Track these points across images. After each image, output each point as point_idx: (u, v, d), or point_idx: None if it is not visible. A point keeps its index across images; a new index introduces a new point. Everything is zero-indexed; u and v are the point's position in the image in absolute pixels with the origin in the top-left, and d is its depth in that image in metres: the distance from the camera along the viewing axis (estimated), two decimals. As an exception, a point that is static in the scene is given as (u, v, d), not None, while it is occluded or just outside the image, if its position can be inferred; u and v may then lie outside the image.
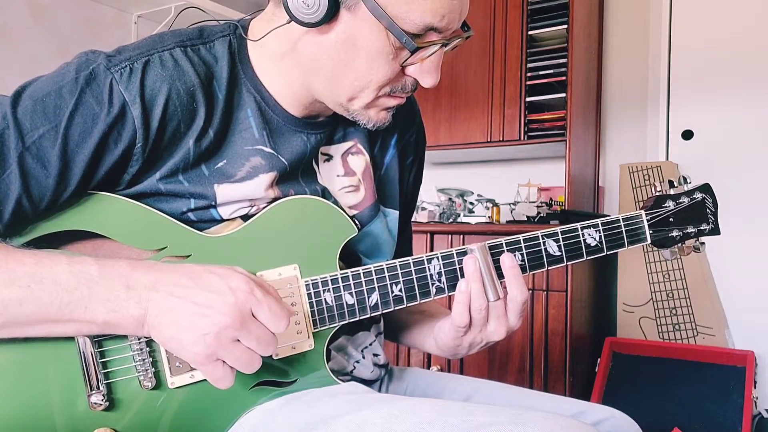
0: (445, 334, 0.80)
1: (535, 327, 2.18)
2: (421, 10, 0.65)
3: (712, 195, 0.83)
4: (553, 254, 0.78)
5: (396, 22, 0.65)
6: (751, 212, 2.40)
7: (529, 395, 0.87)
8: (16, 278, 0.59)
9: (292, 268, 0.73)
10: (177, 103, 0.68)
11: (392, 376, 0.94)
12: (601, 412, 0.81)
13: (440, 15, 0.66)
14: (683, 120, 2.57)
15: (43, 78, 0.67)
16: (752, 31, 2.43)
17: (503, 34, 2.51)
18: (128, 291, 0.61)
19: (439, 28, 0.67)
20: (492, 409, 0.64)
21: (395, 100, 0.75)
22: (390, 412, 0.64)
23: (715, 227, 0.83)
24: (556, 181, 2.67)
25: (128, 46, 0.70)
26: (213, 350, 0.59)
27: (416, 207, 1.22)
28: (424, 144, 0.99)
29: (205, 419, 0.70)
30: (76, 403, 0.66)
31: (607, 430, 0.79)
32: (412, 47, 0.67)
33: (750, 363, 2.02)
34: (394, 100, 0.74)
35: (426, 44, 0.68)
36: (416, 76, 0.72)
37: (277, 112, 0.76)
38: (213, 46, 0.73)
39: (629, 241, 0.80)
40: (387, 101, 0.74)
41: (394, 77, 0.71)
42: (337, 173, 0.83)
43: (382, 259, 0.86)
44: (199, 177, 0.72)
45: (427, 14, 0.66)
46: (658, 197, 0.82)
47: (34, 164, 0.64)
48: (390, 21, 0.65)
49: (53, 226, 0.68)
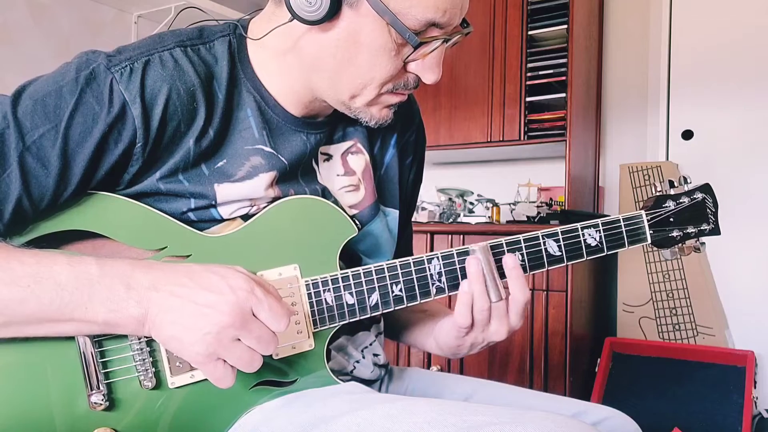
0: (446, 334, 0.80)
1: (535, 327, 2.18)
2: (423, 6, 0.66)
3: (712, 195, 0.83)
4: (553, 254, 0.78)
5: (398, 18, 0.66)
6: (751, 212, 2.40)
7: (529, 395, 0.87)
8: (16, 278, 0.59)
9: (292, 268, 0.73)
10: (177, 103, 0.68)
11: (392, 376, 0.94)
12: (601, 412, 0.81)
13: (442, 10, 0.67)
14: (683, 120, 2.57)
15: (44, 78, 0.67)
16: (752, 31, 2.43)
17: (503, 34, 2.51)
18: (128, 291, 0.61)
19: (440, 23, 0.68)
20: (492, 409, 0.64)
21: (397, 97, 0.75)
22: (389, 412, 0.64)
23: (715, 227, 0.83)
24: (556, 181, 2.67)
25: (128, 46, 0.70)
26: (213, 349, 0.60)
27: (416, 207, 1.22)
28: (424, 143, 0.99)
29: (206, 419, 0.70)
30: (76, 402, 0.66)
31: (607, 430, 0.78)
32: (415, 42, 0.67)
33: (750, 363, 2.02)
34: (396, 97, 0.75)
35: (428, 39, 0.68)
36: (418, 72, 0.72)
37: (276, 111, 0.76)
38: (213, 46, 0.73)
39: (630, 241, 0.80)
40: (389, 98, 0.74)
41: (396, 74, 0.71)
42: (337, 173, 0.83)
43: (383, 258, 0.86)
44: (199, 176, 0.72)
45: (429, 10, 0.66)
46: (659, 197, 0.82)
47: (35, 164, 0.64)
48: (393, 17, 0.65)
49: (53, 225, 0.68)
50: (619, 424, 0.80)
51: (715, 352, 2.11)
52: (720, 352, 2.10)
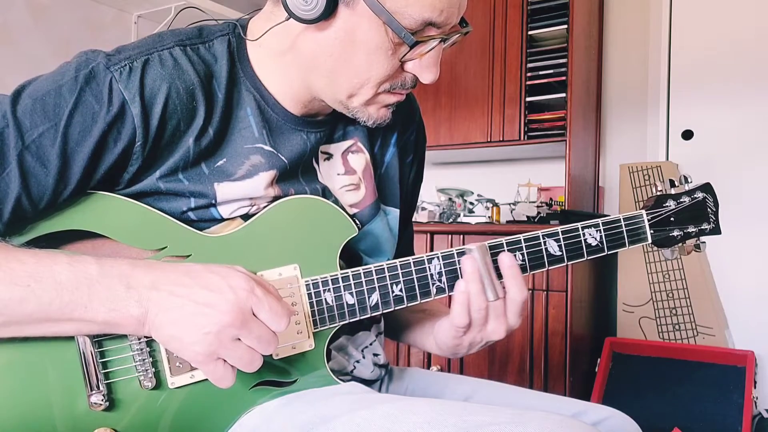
0: (444, 334, 0.80)
1: (535, 327, 2.18)
2: (420, 5, 0.65)
3: (713, 194, 0.83)
4: (553, 254, 0.77)
5: (395, 17, 0.65)
6: (751, 212, 2.39)
7: (528, 395, 0.86)
8: (16, 277, 0.59)
9: (292, 268, 0.73)
10: (177, 102, 0.68)
11: (392, 376, 0.94)
12: (601, 411, 0.81)
13: (439, 10, 0.66)
14: (683, 120, 2.57)
15: (43, 77, 0.67)
16: (752, 31, 2.43)
17: (503, 34, 2.51)
18: (128, 290, 0.61)
19: (437, 23, 0.67)
20: (492, 409, 0.64)
21: (395, 96, 0.75)
22: (389, 411, 0.64)
23: (716, 227, 0.83)
24: (556, 181, 2.67)
25: (127, 46, 0.70)
26: (214, 349, 0.60)
27: (417, 207, 1.22)
28: (425, 142, 0.98)
29: (206, 419, 0.70)
30: (76, 403, 0.65)
31: (607, 430, 0.78)
32: (411, 42, 0.67)
33: (750, 363, 2.02)
34: (394, 96, 0.74)
35: (425, 39, 0.68)
36: (415, 71, 0.72)
37: (276, 110, 0.76)
38: (212, 46, 0.73)
39: (630, 241, 0.80)
40: (387, 98, 0.74)
41: (393, 73, 0.71)
42: (338, 172, 0.83)
43: (383, 257, 0.86)
44: (199, 176, 0.72)
45: (425, 9, 0.66)
46: (659, 197, 0.82)
47: (34, 163, 0.64)
48: (389, 16, 0.65)
49: (53, 225, 0.68)
50: (618, 424, 0.80)
51: (715, 352, 2.11)
52: (720, 352, 2.10)
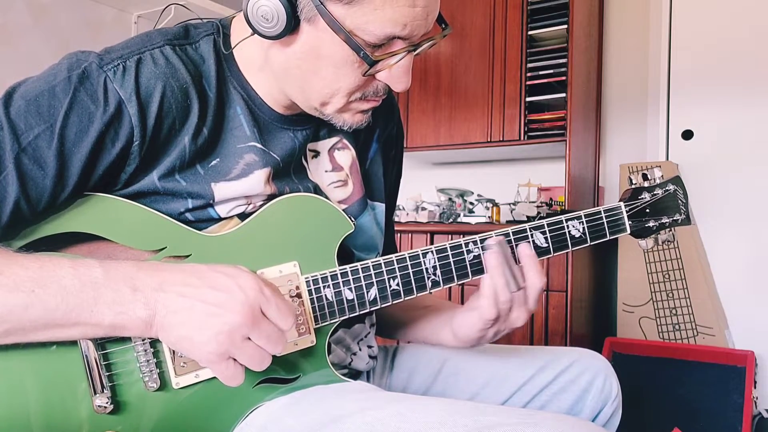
0: (469, 328, 0.80)
1: (535, 327, 2.18)
2: (380, 22, 0.64)
3: (682, 186, 0.86)
4: (540, 246, 0.80)
5: (356, 33, 0.65)
6: (751, 212, 2.39)
7: (504, 350, 0.93)
8: (20, 283, 0.58)
9: (292, 265, 0.73)
10: (172, 100, 0.68)
11: (393, 366, 0.95)
12: (570, 355, 0.88)
13: (401, 24, 0.65)
14: (683, 120, 2.57)
15: (33, 78, 0.67)
16: (752, 31, 2.43)
17: (503, 34, 2.51)
18: (135, 292, 0.60)
19: (402, 36, 0.66)
20: (503, 410, 0.64)
21: (368, 103, 0.74)
22: (400, 411, 0.64)
23: (686, 217, 0.86)
24: (556, 181, 2.67)
25: (117, 46, 0.70)
26: (225, 349, 0.60)
27: (416, 207, 1.23)
28: (403, 138, 1.00)
29: (211, 418, 0.70)
30: (80, 406, 0.65)
31: (579, 369, 0.86)
32: (370, 62, 0.66)
33: (750, 363, 2.02)
34: (368, 103, 0.74)
35: (386, 56, 0.67)
36: (386, 81, 0.71)
37: (263, 110, 0.76)
38: (198, 46, 0.73)
39: (610, 232, 0.83)
40: (360, 105, 0.74)
41: (362, 83, 0.71)
42: (325, 168, 0.84)
43: (373, 252, 0.87)
44: (195, 176, 0.72)
45: (386, 25, 0.64)
46: (635, 189, 0.85)
47: (31, 165, 0.63)
48: (347, 35, 0.64)
49: (51, 228, 0.68)
50: (587, 363, 0.87)
51: (715, 352, 2.11)
52: (720, 352, 2.10)
